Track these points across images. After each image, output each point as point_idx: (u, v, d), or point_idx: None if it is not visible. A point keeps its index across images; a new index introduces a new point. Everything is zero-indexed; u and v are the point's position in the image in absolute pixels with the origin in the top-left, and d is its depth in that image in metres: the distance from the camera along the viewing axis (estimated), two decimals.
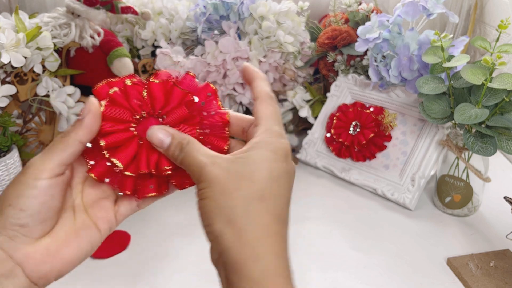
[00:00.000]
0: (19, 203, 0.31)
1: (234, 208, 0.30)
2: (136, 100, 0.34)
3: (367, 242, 0.70)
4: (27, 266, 0.31)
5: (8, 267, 0.31)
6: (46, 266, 0.32)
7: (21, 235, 0.31)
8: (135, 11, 0.88)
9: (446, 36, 0.68)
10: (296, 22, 0.93)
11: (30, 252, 0.31)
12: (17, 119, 0.84)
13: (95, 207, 0.35)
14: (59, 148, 0.32)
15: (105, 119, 0.34)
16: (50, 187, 0.32)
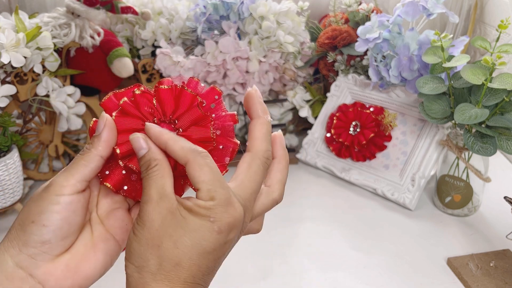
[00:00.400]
0: (41, 219, 0.31)
1: (148, 261, 0.30)
2: (147, 108, 0.34)
3: (367, 242, 0.70)
4: (47, 284, 0.31)
5: (28, 286, 0.31)
6: (67, 282, 0.32)
7: (42, 253, 0.31)
8: (135, 11, 0.88)
9: (446, 36, 0.68)
10: (296, 22, 0.93)
11: (50, 269, 0.32)
12: (17, 119, 0.84)
13: (110, 218, 0.36)
14: (81, 164, 0.32)
15: (118, 130, 0.34)
16: (72, 203, 0.32)
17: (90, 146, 0.33)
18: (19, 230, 0.31)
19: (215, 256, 0.31)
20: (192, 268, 0.30)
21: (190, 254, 0.30)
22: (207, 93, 0.36)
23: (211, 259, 0.31)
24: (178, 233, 0.30)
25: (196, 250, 0.30)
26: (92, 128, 0.34)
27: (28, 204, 0.32)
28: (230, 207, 0.31)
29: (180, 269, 0.30)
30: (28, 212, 0.32)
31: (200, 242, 0.30)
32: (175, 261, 0.30)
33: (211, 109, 0.35)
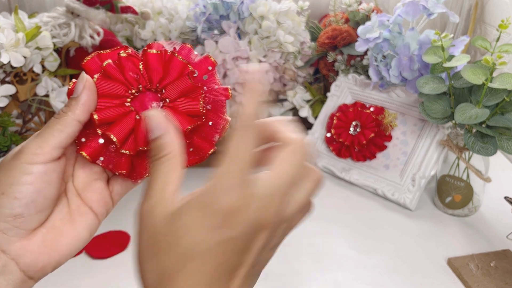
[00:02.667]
0: (13, 191, 0.28)
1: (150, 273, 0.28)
2: (131, 73, 0.31)
3: (367, 242, 0.70)
4: (22, 260, 0.29)
5: (1, 263, 0.28)
6: (43, 258, 0.30)
7: (14, 228, 0.28)
8: (134, 10, 0.88)
9: (447, 36, 0.67)
10: (296, 22, 0.93)
11: (25, 245, 0.29)
12: (16, 119, 0.84)
13: (88, 190, 0.32)
14: (56, 129, 0.29)
15: (98, 94, 0.31)
16: (47, 173, 0.29)
17: (66, 109, 0.30)
18: None
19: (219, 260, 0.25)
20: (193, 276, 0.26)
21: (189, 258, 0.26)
22: (200, 62, 0.33)
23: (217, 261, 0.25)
24: (175, 237, 0.26)
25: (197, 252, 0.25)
26: (71, 90, 0.31)
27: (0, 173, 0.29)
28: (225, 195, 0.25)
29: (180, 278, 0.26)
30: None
31: (198, 243, 0.25)
32: (175, 269, 0.26)
33: (203, 81, 0.32)
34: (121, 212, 0.62)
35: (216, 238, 0.25)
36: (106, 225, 0.71)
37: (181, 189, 0.28)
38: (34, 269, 0.30)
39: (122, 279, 0.63)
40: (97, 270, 0.64)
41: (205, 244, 0.25)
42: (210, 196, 0.25)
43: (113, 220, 0.72)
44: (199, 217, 0.25)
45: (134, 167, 0.33)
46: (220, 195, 0.25)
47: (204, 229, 0.25)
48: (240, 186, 0.26)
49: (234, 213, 0.25)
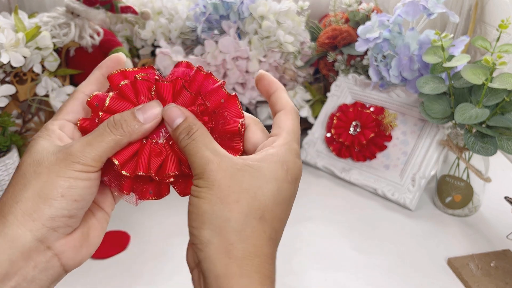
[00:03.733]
0: (72, 194, 0.29)
1: (229, 221, 0.28)
2: (143, 97, 0.32)
3: (367, 242, 0.70)
4: (65, 255, 0.31)
5: (45, 259, 0.30)
6: (83, 251, 0.32)
7: (66, 226, 0.30)
8: (134, 10, 0.88)
9: (447, 36, 0.67)
10: (296, 22, 0.93)
11: (69, 241, 0.31)
12: (16, 119, 0.84)
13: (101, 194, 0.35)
14: (112, 147, 0.31)
15: (110, 112, 0.32)
16: (97, 178, 0.31)
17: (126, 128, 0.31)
18: (42, 204, 0.29)
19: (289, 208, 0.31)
20: (274, 221, 0.29)
21: (271, 205, 0.29)
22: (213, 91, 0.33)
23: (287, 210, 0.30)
24: (256, 185, 0.29)
25: (276, 200, 0.29)
26: (91, 102, 0.33)
27: (45, 173, 0.29)
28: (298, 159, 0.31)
29: (264, 223, 0.29)
30: (52, 185, 0.29)
31: (279, 191, 0.29)
32: (259, 215, 0.29)
33: (213, 114, 0.33)
34: (121, 212, 0.61)
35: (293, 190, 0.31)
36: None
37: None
38: (73, 262, 0.32)
39: (122, 279, 0.63)
40: (97, 270, 0.64)
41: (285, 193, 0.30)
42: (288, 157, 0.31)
43: (113, 220, 0.72)
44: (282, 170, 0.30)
45: (135, 189, 0.34)
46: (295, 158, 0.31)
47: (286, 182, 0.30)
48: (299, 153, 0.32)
49: (299, 174, 0.31)
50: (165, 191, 0.34)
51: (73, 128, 0.34)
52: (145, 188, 0.34)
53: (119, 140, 0.31)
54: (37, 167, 0.30)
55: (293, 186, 0.31)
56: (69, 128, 0.34)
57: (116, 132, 0.31)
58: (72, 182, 0.30)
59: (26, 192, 0.29)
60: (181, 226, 0.74)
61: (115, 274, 0.64)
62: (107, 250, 0.67)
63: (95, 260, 0.66)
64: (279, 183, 0.30)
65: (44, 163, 0.30)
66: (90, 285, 0.62)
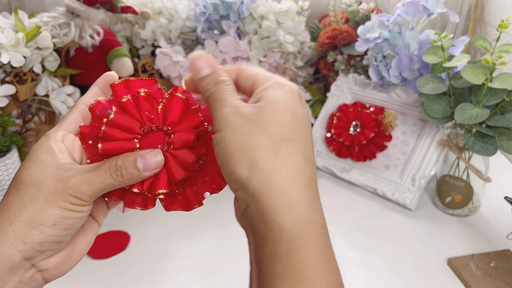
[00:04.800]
0: (64, 224, 0.31)
1: (260, 149, 0.28)
2: (147, 113, 0.34)
3: (367, 242, 0.70)
4: (49, 272, 0.33)
5: (29, 274, 0.32)
6: (66, 267, 0.34)
7: (54, 249, 0.32)
8: (134, 10, 0.88)
9: (447, 35, 0.67)
10: (296, 22, 0.93)
11: (53, 260, 0.33)
12: (16, 119, 0.84)
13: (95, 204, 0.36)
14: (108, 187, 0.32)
15: (113, 126, 0.33)
16: (90, 210, 0.33)
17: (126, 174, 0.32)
18: (34, 229, 0.30)
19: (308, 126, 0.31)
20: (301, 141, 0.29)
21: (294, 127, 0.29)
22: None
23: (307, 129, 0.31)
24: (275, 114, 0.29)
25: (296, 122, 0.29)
26: (93, 108, 0.34)
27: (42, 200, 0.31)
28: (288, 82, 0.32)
29: (294, 144, 0.29)
30: (46, 213, 0.31)
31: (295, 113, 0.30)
32: (286, 137, 0.29)
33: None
34: (121, 212, 0.61)
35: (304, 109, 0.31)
36: (106, 225, 0.71)
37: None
38: (54, 277, 0.34)
39: (122, 279, 0.63)
40: (97, 270, 0.64)
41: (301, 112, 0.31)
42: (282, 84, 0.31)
43: (113, 220, 0.72)
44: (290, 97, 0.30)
45: (124, 197, 0.35)
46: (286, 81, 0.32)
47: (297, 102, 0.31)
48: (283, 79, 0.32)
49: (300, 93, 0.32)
50: (151, 203, 0.35)
51: (74, 139, 0.35)
52: (133, 198, 0.35)
53: (117, 184, 0.32)
54: (35, 192, 0.31)
55: (303, 106, 0.31)
56: (70, 139, 0.34)
57: (116, 178, 0.32)
58: (65, 213, 0.31)
59: (20, 215, 0.30)
60: (181, 226, 0.74)
61: (115, 274, 0.64)
62: (107, 250, 0.67)
63: (95, 260, 0.66)
64: (292, 103, 0.30)
65: (43, 189, 0.31)
66: (90, 285, 0.62)
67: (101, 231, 0.71)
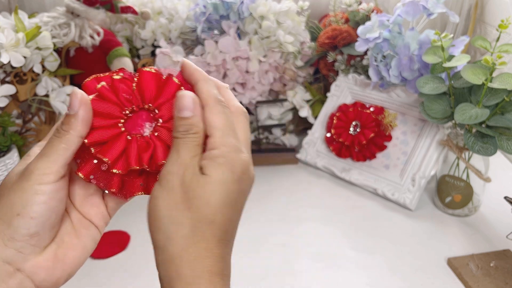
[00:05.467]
0: (28, 212, 0.29)
1: (183, 227, 0.30)
2: (125, 94, 0.32)
3: (367, 242, 0.70)
4: (37, 277, 0.30)
5: (17, 281, 0.30)
6: (57, 272, 0.31)
7: (30, 246, 0.30)
8: (134, 10, 0.88)
9: (447, 35, 0.67)
10: (296, 22, 0.93)
11: (39, 261, 0.31)
12: (16, 119, 0.84)
13: (85, 205, 0.34)
14: (61, 148, 0.30)
15: (94, 114, 0.32)
16: (58, 191, 0.30)
17: (67, 127, 0.31)
18: (1, 225, 0.29)
19: (239, 207, 0.31)
20: (225, 224, 0.30)
21: (221, 209, 0.30)
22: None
23: (238, 210, 0.31)
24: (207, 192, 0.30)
25: (225, 203, 0.30)
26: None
27: (6, 194, 0.30)
28: (240, 153, 0.31)
29: (214, 226, 0.30)
30: (10, 205, 0.30)
31: (227, 193, 0.30)
32: (209, 219, 0.30)
33: None
34: (121, 212, 0.61)
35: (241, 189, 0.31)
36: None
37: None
38: (48, 284, 0.31)
39: (122, 279, 0.63)
40: (97, 270, 0.64)
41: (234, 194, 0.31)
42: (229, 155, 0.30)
43: (113, 220, 0.72)
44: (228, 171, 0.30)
45: (124, 185, 0.34)
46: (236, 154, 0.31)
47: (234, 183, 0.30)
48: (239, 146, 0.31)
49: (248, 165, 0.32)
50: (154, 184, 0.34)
51: None
52: (135, 182, 0.34)
53: (67, 141, 0.30)
54: (2, 191, 0.31)
55: (241, 185, 0.31)
56: None
57: (59, 135, 0.31)
58: (27, 198, 0.29)
59: None
60: None
61: (115, 274, 0.64)
62: (107, 250, 0.67)
63: (95, 260, 0.66)
64: (227, 186, 0.30)
65: (8, 184, 0.31)
66: (90, 285, 0.62)
67: None
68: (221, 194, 0.30)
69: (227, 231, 0.31)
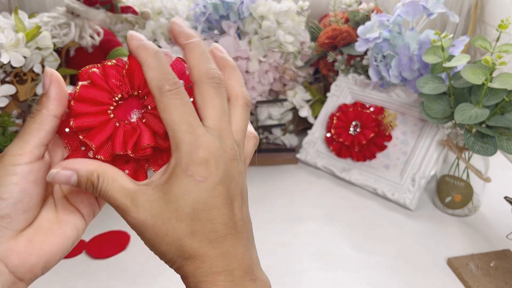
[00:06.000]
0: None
1: (167, 253, 0.30)
2: (114, 80, 0.32)
3: (367, 242, 0.70)
4: (10, 261, 0.29)
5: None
6: (31, 258, 0.30)
7: (1, 228, 0.29)
8: (134, 10, 0.88)
9: (447, 35, 0.67)
10: (296, 22, 0.93)
11: (12, 245, 0.29)
12: (16, 119, 0.84)
13: (73, 191, 0.33)
14: (34, 128, 0.29)
15: (82, 100, 0.31)
16: (31, 172, 0.29)
17: (39, 107, 0.30)
18: None
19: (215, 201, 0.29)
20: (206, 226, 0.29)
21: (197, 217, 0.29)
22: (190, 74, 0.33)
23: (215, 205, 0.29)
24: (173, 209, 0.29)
25: (197, 211, 0.29)
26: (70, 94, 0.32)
27: None
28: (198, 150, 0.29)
29: (196, 234, 0.29)
30: None
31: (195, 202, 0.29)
32: (189, 232, 0.29)
33: (188, 89, 0.32)
34: None
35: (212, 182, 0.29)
36: (106, 225, 0.71)
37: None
38: (22, 270, 0.30)
39: (122, 279, 0.63)
40: (97, 270, 0.64)
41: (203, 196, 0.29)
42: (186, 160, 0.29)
43: (113, 220, 0.72)
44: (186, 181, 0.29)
45: None
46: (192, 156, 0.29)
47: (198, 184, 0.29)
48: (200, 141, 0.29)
49: (208, 164, 0.29)
50: (142, 174, 0.33)
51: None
52: (120, 169, 0.33)
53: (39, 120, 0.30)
54: None
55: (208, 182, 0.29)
56: None
57: (33, 115, 0.30)
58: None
59: None
60: None
61: (115, 274, 0.64)
62: (107, 250, 0.67)
63: (95, 260, 0.66)
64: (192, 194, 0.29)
65: None
66: (90, 285, 0.62)
67: (101, 231, 0.71)
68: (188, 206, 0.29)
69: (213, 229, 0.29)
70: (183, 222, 0.29)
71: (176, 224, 0.29)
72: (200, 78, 0.30)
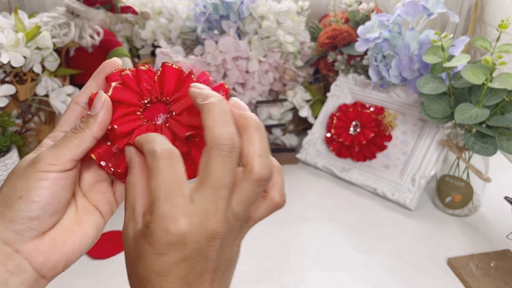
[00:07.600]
0: (30, 195, 0.30)
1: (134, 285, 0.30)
2: (146, 84, 0.34)
3: (367, 242, 0.70)
4: (35, 260, 0.31)
5: (15, 263, 0.30)
6: (54, 256, 0.32)
7: (29, 229, 0.30)
8: (134, 10, 0.88)
9: (447, 35, 0.67)
10: (296, 22, 0.93)
11: (37, 245, 0.31)
12: (16, 119, 0.84)
13: (93, 190, 0.35)
14: (73, 144, 0.31)
15: (113, 101, 0.33)
16: (61, 179, 0.31)
17: (84, 126, 0.32)
18: (5, 207, 0.30)
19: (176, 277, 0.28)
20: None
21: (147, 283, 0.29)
22: (214, 88, 0.34)
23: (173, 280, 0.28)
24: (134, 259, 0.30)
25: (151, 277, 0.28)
26: (92, 98, 0.33)
27: (12, 179, 0.31)
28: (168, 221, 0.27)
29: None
30: (14, 188, 0.30)
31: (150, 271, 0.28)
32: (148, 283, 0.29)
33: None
34: (121, 212, 0.61)
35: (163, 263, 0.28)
36: (106, 225, 0.71)
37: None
38: (46, 268, 0.31)
39: (122, 279, 0.63)
40: (97, 270, 0.64)
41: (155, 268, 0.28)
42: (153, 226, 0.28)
43: (113, 220, 0.72)
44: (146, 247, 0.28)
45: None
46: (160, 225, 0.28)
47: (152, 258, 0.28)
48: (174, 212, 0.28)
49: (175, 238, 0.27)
50: None
51: None
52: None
53: (81, 138, 0.31)
54: (9, 176, 0.31)
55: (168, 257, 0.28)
56: None
57: (76, 131, 0.32)
58: (31, 182, 0.30)
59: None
60: None
61: (115, 274, 0.64)
62: (107, 250, 0.67)
63: (95, 260, 0.66)
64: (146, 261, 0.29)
65: (16, 171, 0.31)
66: (90, 285, 0.62)
67: None
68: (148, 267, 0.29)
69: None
70: (137, 278, 0.29)
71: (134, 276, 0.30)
72: (211, 143, 0.28)
